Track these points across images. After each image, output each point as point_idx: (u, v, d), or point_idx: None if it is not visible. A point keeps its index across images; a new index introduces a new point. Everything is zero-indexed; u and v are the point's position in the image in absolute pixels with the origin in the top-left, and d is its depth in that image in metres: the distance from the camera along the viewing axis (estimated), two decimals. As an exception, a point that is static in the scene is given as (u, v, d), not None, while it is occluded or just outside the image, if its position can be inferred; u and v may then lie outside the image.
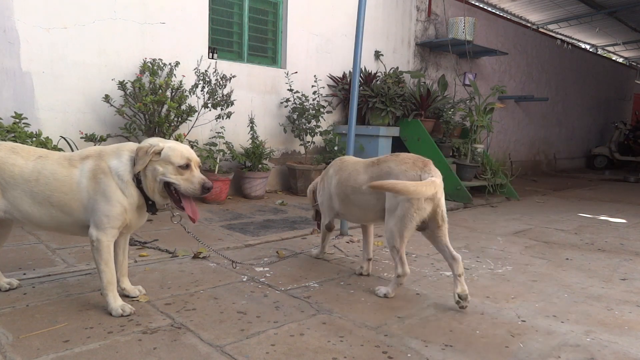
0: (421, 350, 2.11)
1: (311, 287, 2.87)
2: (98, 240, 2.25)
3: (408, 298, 2.75)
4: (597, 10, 11.43)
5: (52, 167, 2.28)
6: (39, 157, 2.32)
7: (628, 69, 16.93)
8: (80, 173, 2.28)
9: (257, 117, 6.09)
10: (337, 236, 4.12)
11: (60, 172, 2.27)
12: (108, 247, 2.28)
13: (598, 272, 3.44)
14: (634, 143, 13.79)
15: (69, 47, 4.63)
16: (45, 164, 2.29)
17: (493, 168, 6.93)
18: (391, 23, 7.82)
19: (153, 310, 2.41)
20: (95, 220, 2.25)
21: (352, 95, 4.10)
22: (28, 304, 2.40)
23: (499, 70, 10.31)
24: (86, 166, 2.29)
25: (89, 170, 2.27)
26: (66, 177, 2.27)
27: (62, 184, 2.26)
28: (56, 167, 2.28)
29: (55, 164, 2.30)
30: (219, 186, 5.28)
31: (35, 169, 2.28)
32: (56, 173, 2.27)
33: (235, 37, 6.11)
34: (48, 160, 2.31)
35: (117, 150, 2.34)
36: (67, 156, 2.35)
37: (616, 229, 5.06)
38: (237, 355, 1.99)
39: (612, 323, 2.50)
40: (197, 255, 3.33)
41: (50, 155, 2.35)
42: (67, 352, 1.95)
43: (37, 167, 2.29)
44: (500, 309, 2.64)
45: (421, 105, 6.99)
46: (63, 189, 2.26)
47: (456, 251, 2.71)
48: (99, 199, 2.24)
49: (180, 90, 4.99)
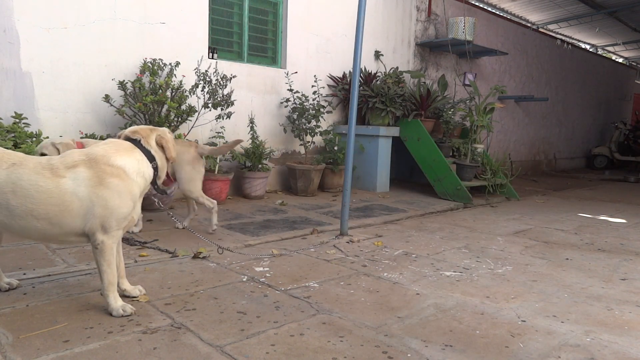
0: (421, 350, 2.11)
1: (311, 287, 2.87)
2: (103, 243, 2.24)
3: (408, 298, 2.75)
4: (597, 10, 11.43)
5: (31, 178, 2.14)
6: (12, 165, 2.16)
7: (628, 69, 16.93)
8: (73, 183, 2.18)
9: (257, 117, 6.09)
10: (337, 236, 4.12)
11: (43, 183, 2.14)
12: (112, 249, 2.28)
13: (598, 272, 3.44)
14: (634, 143, 13.79)
15: (69, 47, 4.63)
16: (21, 174, 2.14)
17: (493, 168, 6.93)
18: (391, 23, 7.82)
19: (153, 310, 2.41)
20: (101, 224, 2.23)
21: (352, 95, 4.10)
22: (28, 304, 2.40)
23: (499, 70, 10.31)
24: (81, 174, 2.19)
25: (88, 178, 2.19)
26: (53, 189, 2.15)
27: (49, 196, 2.14)
28: (36, 177, 2.14)
29: (34, 174, 2.15)
30: (219, 186, 5.28)
31: (9, 179, 2.13)
32: (38, 185, 2.13)
33: (235, 37, 6.11)
34: (24, 170, 2.16)
35: (113, 151, 2.30)
36: (46, 165, 2.20)
37: (616, 229, 5.06)
38: (237, 355, 1.99)
39: (612, 323, 2.50)
40: (197, 255, 3.33)
41: (25, 163, 2.19)
42: (67, 352, 1.95)
43: (12, 178, 2.13)
44: (500, 309, 2.64)
45: (421, 105, 6.99)
46: (51, 201, 2.14)
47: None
48: (109, 204, 2.22)
49: (180, 90, 4.99)
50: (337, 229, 4.28)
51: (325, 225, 4.54)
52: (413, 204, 5.94)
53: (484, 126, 6.93)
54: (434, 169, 6.59)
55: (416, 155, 6.84)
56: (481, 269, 3.38)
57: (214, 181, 5.23)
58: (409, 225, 4.84)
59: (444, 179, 6.47)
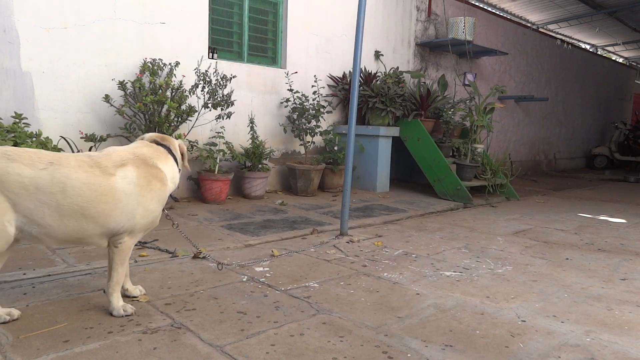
0: (421, 350, 2.11)
1: (311, 287, 2.87)
2: (125, 243, 2.26)
3: (408, 298, 2.75)
4: (597, 10, 11.42)
5: (81, 177, 2.08)
6: (50, 164, 2.05)
7: (628, 69, 16.93)
8: (123, 181, 2.17)
9: (257, 117, 6.09)
10: (337, 236, 4.12)
11: (95, 181, 2.10)
12: (130, 249, 2.33)
13: (598, 272, 3.43)
14: (634, 143, 13.78)
15: (69, 47, 4.63)
16: (68, 173, 2.06)
17: (493, 168, 6.93)
18: (391, 23, 7.82)
19: (153, 310, 2.41)
20: (132, 225, 2.23)
21: (352, 95, 4.10)
22: (28, 304, 2.40)
23: (499, 70, 10.31)
24: (130, 173, 2.19)
25: (137, 178, 2.20)
26: (106, 187, 2.12)
27: (101, 194, 2.10)
28: (87, 175, 2.09)
29: (82, 173, 2.09)
30: (219, 186, 5.28)
31: (55, 179, 2.03)
32: (91, 183, 2.08)
33: (235, 37, 6.11)
34: (68, 168, 2.07)
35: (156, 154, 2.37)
36: (91, 163, 2.14)
37: (616, 229, 5.06)
38: (237, 355, 1.99)
39: (612, 323, 2.50)
40: (197, 255, 3.33)
41: (64, 161, 2.09)
42: (67, 352, 1.95)
43: (58, 177, 2.04)
44: (500, 309, 2.64)
45: (421, 105, 6.99)
46: (103, 199, 2.11)
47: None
48: (149, 206, 2.25)
49: (180, 90, 4.99)
50: (337, 229, 4.28)
51: (325, 225, 4.54)
52: (413, 204, 5.94)
53: (484, 126, 6.94)
54: (434, 169, 6.59)
55: (416, 155, 6.84)
56: (481, 269, 3.38)
57: (214, 181, 5.23)
58: (409, 225, 4.84)
59: (444, 179, 6.47)
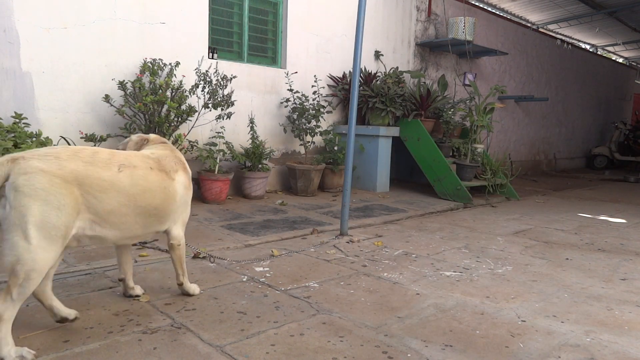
0: (421, 350, 2.11)
1: (311, 287, 2.87)
2: (181, 239, 2.51)
3: (408, 298, 2.75)
4: (597, 10, 11.42)
5: (155, 179, 2.26)
6: (123, 166, 2.13)
7: (628, 69, 16.93)
8: (179, 185, 2.42)
9: (257, 117, 6.09)
10: (337, 236, 4.12)
11: (166, 185, 2.33)
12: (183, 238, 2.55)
13: (598, 272, 3.44)
14: (634, 143, 13.78)
15: (69, 47, 4.63)
16: (145, 175, 2.21)
17: (493, 168, 6.93)
18: (391, 23, 7.82)
19: (153, 310, 2.41)
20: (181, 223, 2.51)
21: (352, 95, 4.10)
22: (28, 303, 2.40)
23: (499, 70, 10.31)
24: (181, 178, 2.44)
25: (183, 181, 2.46)
26: (172, 190, 2.36)
27: (170, 195, 2.35)
28: (158, 179, 2.28)
29: (154, 176, 2.27)
30: (219, 186, 5.28)
31: (134, 181, 2.15)
32: (164, 187, 2.31)
33: (235, 37, 6.11)
34: (143, 171, 2.21)
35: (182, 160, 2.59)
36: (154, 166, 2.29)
37: (616, 229, 5.06)
38: (237, 355, 1.99)
39: (612, 323, 2.50)
40: (197, 255, 3.34)
41: (134, 162, 2.20)
42: (67, 352, 1.95)
43: (136, 180, 2.16)
44: (500, 309, 2.64)
45: (421, 105, 6.99)
46: (170, 200, 2.36)
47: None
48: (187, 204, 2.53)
49: (180, 91, 4.99)
50: (337, 229, 4.28)
51: (325, 225, 4.54)
52: (413, 204, 5.94)
53: (484, 126, 6.94)
54: (434, 169, 6.59)
55: (416, 155, 6.84)
56: (481, 269, 3.38)
57: (214, 181, 5.23)
58: (409, 225, 4.84)
59: (444, 179, 6.47)
